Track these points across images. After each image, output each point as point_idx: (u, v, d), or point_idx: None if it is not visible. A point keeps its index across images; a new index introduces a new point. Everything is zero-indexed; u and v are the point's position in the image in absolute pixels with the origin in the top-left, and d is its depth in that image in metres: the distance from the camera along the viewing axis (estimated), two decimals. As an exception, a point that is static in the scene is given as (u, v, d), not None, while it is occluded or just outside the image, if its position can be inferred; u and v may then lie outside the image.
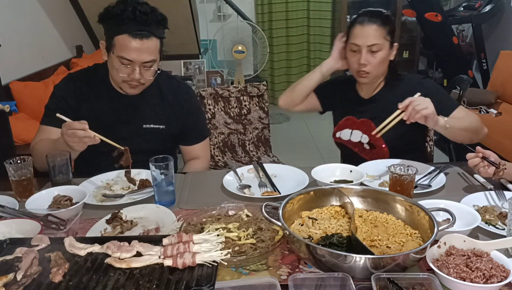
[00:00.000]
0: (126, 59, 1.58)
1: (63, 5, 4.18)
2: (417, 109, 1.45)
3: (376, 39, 1.70)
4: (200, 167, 1.91)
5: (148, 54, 1.59)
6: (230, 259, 1.03)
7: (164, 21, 1.64)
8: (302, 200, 1.27)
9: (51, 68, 3.83)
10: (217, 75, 4.93)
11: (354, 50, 1.74)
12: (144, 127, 1.78)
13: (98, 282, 0.96)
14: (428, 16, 4.66)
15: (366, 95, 1.88)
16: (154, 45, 1.60)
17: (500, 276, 0.97)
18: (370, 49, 1.71)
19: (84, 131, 1.46)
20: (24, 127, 2.93)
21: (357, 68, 1.75)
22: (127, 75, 1.62)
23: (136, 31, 1.55)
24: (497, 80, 4.24)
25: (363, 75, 1.76)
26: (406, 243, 1.11)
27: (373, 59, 1.72)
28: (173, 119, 1.82)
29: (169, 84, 1.84)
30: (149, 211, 1.37)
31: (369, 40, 1.70)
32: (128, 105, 1.76)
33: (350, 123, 1.89)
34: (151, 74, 1.66)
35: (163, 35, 1.66)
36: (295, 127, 5.24)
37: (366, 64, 1.72)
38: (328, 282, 0.98)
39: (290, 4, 5.64)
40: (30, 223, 1.21)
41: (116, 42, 1.58)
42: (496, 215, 1.31)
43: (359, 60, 1.72)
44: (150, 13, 1.58)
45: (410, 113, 1.47)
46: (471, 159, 1.45)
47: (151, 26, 1.58)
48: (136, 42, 1.56)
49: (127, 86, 1.68)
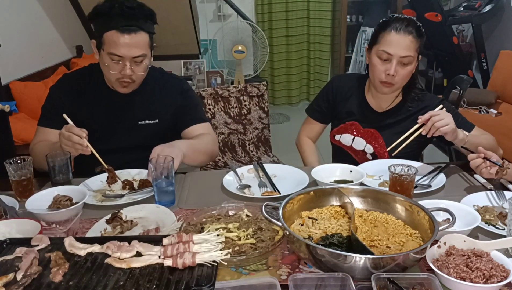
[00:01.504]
0: (116, 55, 1.58)
1: (63, 5, 4.18)
2: (436, 126, 1.42)
3: (410, 51, 1.61)
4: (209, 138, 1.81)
5: (138, 49, 1.59)
6: (230, 259, 1.03)
7: (152, 15, 1.64)
8: (302, 200, 1.27)
9: (51, 68, 3.83)
10: (217, 75, 4.92)
11: (383, 58, 1.64)
12: (140, 123, 1.79)
13: (98, 282, 0.96)
14: (428, 16, 4.67)
15: (377, 107, 1.80)
16: (143, 39, 1.60)
17: (500, 276, 0.97)
18: (402, 61, 1.62)
19: (79, 138, 1.48)
20: (24, 127, 2.94)
21: (384, 78, 1.65)
22: (118, 72, 1.62)
23: (124, 26, 1.55)
24: (497, 80, 4.24)
25: (387, 86, 1.67)
26: (406, 243, 1.11)
27: (402, 71, 1.64)
28: (166, 112, 1.81)
29: (161, 78, 1.84)
30: (149, 211, 1.37)
31: (403, 51, 1.60)
32: (123, 103, 1.77)
33: (353, 129, 1.83)
34: (142, 69, 1.65)
35: (153, 30, 1.66)
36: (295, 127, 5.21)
37: (395, 76, 1.63)
38: (328, 282, 0.98)
39: (290, 4, 5.64)
40: (30, 223, 1.21)
41: (105, 39, 1.58)
42: (496, 215, 1.31)
43: (387, 70, 1.63)
44: (137, 8, 1.58)
45: (430, 129, 1.43)
46: (473, 160, 1.44)
47: (139, 20, 1.58)
48: (125, 37, 1.56)
49: (119, 85, 1.68)
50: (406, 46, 1.61)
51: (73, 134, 1.48)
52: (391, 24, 1.64)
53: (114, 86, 1.71)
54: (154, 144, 1.56)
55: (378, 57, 1.66)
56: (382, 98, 1.79)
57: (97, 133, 1.71)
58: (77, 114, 1.70)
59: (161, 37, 4.43)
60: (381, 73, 1.66)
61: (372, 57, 1.69)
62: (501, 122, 3.66)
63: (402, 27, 1.61)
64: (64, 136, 1.50)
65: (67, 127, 1.51)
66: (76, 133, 1.48)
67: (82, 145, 1.49)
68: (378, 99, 1.80)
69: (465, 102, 3.85)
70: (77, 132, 1.48)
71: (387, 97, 1.78)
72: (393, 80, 1.65)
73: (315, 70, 6.00)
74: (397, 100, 1.79)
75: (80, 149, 1.50)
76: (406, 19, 1.64)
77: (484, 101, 3.97)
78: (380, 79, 1.68)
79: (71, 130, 1.49)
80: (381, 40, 1.65)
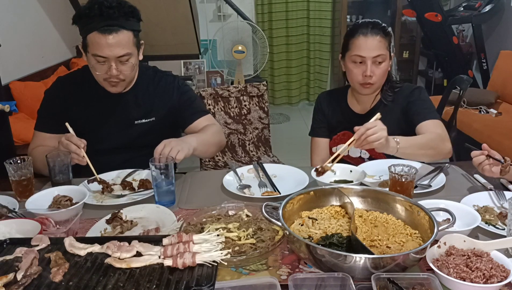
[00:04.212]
0: (99, 56, 1.57)
1: (63, 6, 4.18)
2: (368, 140, 1.42)
3: (381, 49, 1.69)
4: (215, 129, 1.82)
5: (121, 48, 1.57)
6: (230, 259, 1.03)
7: (134, 12, 1.61)
8: (302, 200, 1.27)
9: (51, 68, 3.83)
10: (217, 75, 4.92)
11: (358, 62, 1.71)
12: (136, 123, 1.79)
13: (98, 282, 0.96)
14: (428, 16, 4.67)
15: (361, 110, 1.86)
16: (126, 38, 1.58)
17: (500, 276, 0.97)
18: (376, 60, 1.69)
19: (76, 148, 1.49)
20: (24, 127, 2.94)
21: (362, 80, 1.72)
22: (105, 73, 1.62)
23: (104, 26, 1.54)
24: (497, 80, 4.24)
25: (367, 86, 1.74)
26: (406, 243, 1.11)
27: (378, 70, 1.71)
28: (162, 110, 1.81)
29: (155, 77, 1.84)
30: (149, 211, 1.37)
31: (375, 51, 1.68)
32: (118, 103, 1.76)
33: (345, 139, 1.82)
34: (129, 68, 1.64)
35: (137, 27, 1.64)
36: (295, 127, 5.24)
37: (372, 76, 1.70)
38: (328, 282, 0.98)
39: (290, 4, 5.64)
40: (30, 223, 1.21)
41: (89, 41, 1.58)
42: (496, 215, 1.31)
43: (364, 71, 1.70)
44: (116, 6, 1.56)
45: (361, 143, 1.44)
46: (476, 157, 1.44)
47: (119, 19, 1.56)
48: (106, 38, 1.54)
49: (108, 85, 1.67)
50: (376, 46, 1.69)
51: (71, 143, 1.50)
52: (358, 29, 1.72)
53: (103, 86, 1.70)
54: (151, 143, 1.56)
55: (353, 62, 1.73)
56: (364, 101, 1.85)
57: (93, 133, 1.71)
58: (73, 116, 1.70)
59: (161, 37, 4.46)
60: (358, 75, 1.73)
61: (347, 64, 1.76)
62: (501, 122, 3.66)
63: (368, 30, 1.70)
64: (63, 144, 1.52)
65: (67, 136, 1.52)
66: (74, 142, 1.50)
67: (79, 155, 1.50)
68: (361, 102, 1.87)
69: (465, 102, 3.85)
70: (76, 142, 1.50)
71: (368, 99, 1.84)
72: (371, 80, 1.72)
73: (315, 70, 6.00)
74: (377, 98, 1.84)
75: (76, 158, 1.51)
76: (370, 23, 1.72)
77: (484, 101, 3.97)
78: (358, 81, 1.74)
79: (70, 139, 1.50)
80: (351, 46, 1.73)
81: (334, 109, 1.92)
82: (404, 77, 5.72)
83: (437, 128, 1.67)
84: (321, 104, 1.96)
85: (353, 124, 1.83)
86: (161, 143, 1.51)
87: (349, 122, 1.86)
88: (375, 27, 1.71)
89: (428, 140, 1.60)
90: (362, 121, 1.83)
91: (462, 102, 3.63)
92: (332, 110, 1.93)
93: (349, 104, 1.89)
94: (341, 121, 1.90)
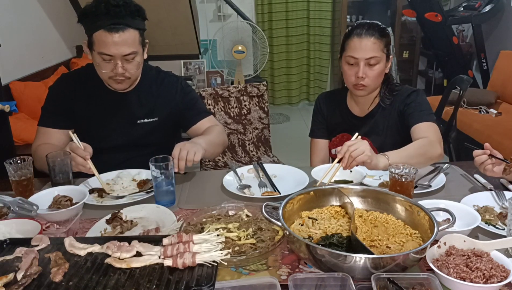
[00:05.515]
0: (106, 54, 1.58)
1: (63, 5, 4.18)
2: (353, 155, 1.41)
3: (374, 52, 1.67)
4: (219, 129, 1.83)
5: (127, 47, 1.58)
6: (230, 259, 1.03)
7: (140, 11, 1.62)
8: (302, 200, 1.27)
9: (51, 68, 3.83)
10: (217, 75, 4.92)
11: (351, 63, 1.71)
12: (139, 122, 1.79)
13: (98, 282, 0.96)
14: (428, 16, 4.67)
15: (360, 112, 1.86)
16: (132, 37, 1.58)
17: (500, 276, 0.97)
18: (368, 62, 1.68)
19: (82, 160, 1.49)
20: (24, 127, 2.94)
21: (355, 81, 1.72)
22: (110, 71, 1.62)
23: (111, 25, 1.54)
24: (497, 80, 4.24)
25: (360, 88, 1.73)
26: (406, 243, 1.11)
27: (371, 72, 1.70)
28: (165, 110, 1.82)
29: (158, 77, 1.84)
30: (149, 211, 1.37)
31: (368, 53, 1.67)
32: (122, 102, 1.77)
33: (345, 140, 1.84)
34: (135, 66, 1.64)
35: (143, 26, 1.65)
36: (295, 127, 5.24)
37: (364, 77, 1.69)
38: (328, 282, 0.98)
39: (290, 4, 5.64)
40: (30, 223, 1.21)
41: (95, 39, 1.58)
42: (496, 215, 1.31)
43: (356, 73, 1.69)
44: (123, 5, 1.56)
45: (348, 161, 1.42)
46: (478, 157, 1.43)
47: (125, 18, 1.56)
48: (113, 36, 1.55)
49: (113, 82, 1.67)
50: (370, 48, 1.67)
51: (77, 156, 1.49)
52: (354, 31, 1.72)
53: (109, 83, 1.70)
54: (153, 143, 1.56)
55: (347, 63, 1.73)
56: (362, 103, 1.85)
57: (95, 131, 1.71)
58: (76, 113, 1.71)
59: (161, 37, 4.46)
60: (351, 77, 1.73)
61: (343, 65, 1.77)
62: (501, 122, 3.66)
63: (363, 31, 1.69)
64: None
65: (72, 148, 1.51)
66: (80, 155, 1.49)
67: (85, 167, 1.50)
68: (359, 104, 1.86)
69: (465, 102, 3.86)
70: (81, 154, 1.49)
71: (366, 101, 1.83)
72: (363, 81, 1.71)
73: (315, 70, 6.00)
74: (376, 101, 1.83)
75: (83, 169, 1.51)
76: (367, 24, 1.71)
77: (484, 101, 3.98)
78: (351, 82, 1.74)
79: (76, 152, 1.50)
80: (346, 47, 1.73)
81: (333, 111, 1.92)
82: (404, 77, 5.72)
83: (429, 131, 1.64)
84: (320, 105, 1.96)
85: (352, 126, 1.84)
86: (176, 147, 1.51)
87: (348, 124, 1.87)
88: (371, 28, 1.69)
89: (417, 148, 1.57)
90: (361, 123, 1.84)
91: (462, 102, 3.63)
92: (331, 111, 1.93)
93: (348, 106, 1.89)
94: (340, 123, 1.90)
